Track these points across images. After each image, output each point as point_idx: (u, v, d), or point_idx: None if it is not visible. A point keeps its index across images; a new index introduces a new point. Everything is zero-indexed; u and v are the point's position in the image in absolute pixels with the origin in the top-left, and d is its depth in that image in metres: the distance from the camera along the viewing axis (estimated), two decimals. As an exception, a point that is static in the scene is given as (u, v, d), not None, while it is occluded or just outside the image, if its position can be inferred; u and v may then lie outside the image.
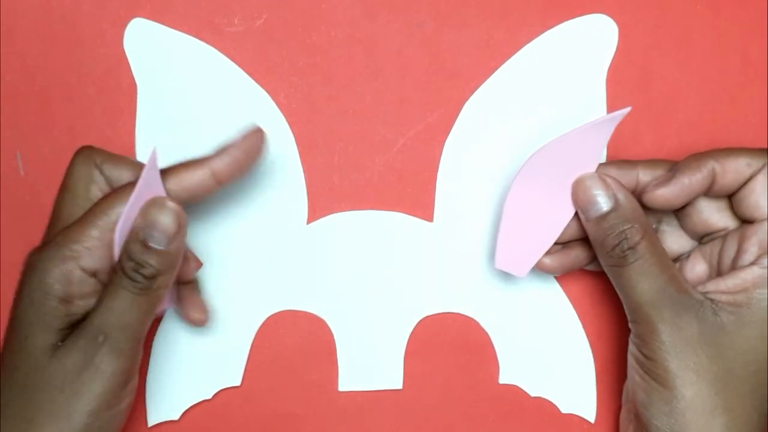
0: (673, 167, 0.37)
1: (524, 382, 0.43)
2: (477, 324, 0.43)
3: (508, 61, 0.42)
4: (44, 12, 0.41)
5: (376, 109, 0.42)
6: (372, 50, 0.42)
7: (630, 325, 0.38)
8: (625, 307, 0.38)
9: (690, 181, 0.36)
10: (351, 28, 0.42)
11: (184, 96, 0.41)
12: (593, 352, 0.43)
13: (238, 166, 0.37)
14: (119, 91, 0.41)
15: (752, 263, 0.36)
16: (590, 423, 0.43)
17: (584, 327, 0.43)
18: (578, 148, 0.37)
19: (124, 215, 0.35)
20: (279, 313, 0.43)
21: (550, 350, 0.43)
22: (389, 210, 0.43)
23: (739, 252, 0.37)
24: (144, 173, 0.35)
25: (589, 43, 0.42)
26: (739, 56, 0.42)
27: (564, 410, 0.43)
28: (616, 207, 0.37)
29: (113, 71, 0.41)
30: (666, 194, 0.37)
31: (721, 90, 0.43)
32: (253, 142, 0.37)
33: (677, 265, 0.40)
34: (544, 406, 0.43)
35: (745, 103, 0.42)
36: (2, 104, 0.41)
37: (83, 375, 0.35)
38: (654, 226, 0.40)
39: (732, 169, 0.36)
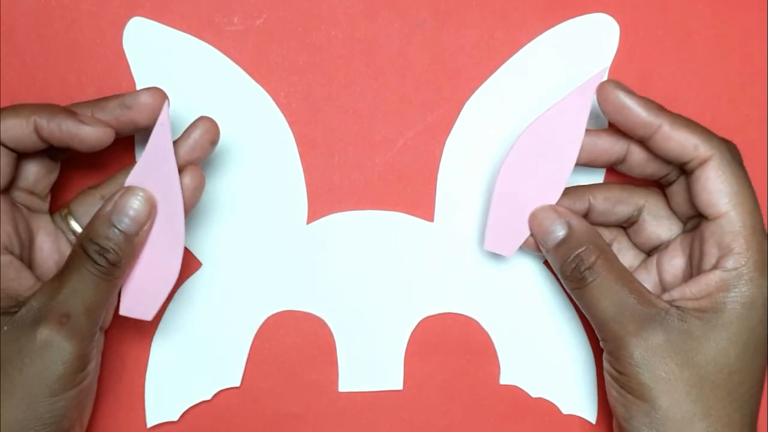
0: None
1: (525, 382, 0.43)
2: (478, 324, 0.43)
3: (509, 60, 0.42)
4: (44, 12, 0.41)
5: (376, 109, 0.42)
6: (372, 50, 0.42)
7: (601, 344, 0.38)
8: (593, 326, 0.38)
9: (637, 108, 0.37)
10: (351, 28, 0.42)
11: (183, 95, 0.41)
12: (594, 352, 0.43)
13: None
14: (118, 90, 0.40)
15: (714, 266, 0.36)
16: (591, 424, 0.43)
17: (585, 328, 0.43)
18: (562, 121, 0.38)
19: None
20: (279, 313, 0.43)
21: (551, 351, 0.43)
22: (390, 210, 0.42)
23: (701, 254, 0.37)
24: (154, 134, 0.36)
25: (591, 42, 0.42)
26: (739, 56, 0.42)
27: (565, 411, 0.43)
28: (569, 233, 0.38)
29: (112, 71, 0.41)
30: (614, 94, 0.37)
31: (721, 90, 0.43)
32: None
33: (656, 256, 0.40)
34: (545, 407, 0.43)
35: (745, 103, 0.42)
36: (2, 104, 0.41)
37: (45, 355, 0.34)
38: None
39: (677, 140, 0.36)
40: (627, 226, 0.41)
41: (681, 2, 0.42)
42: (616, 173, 0.41)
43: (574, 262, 0.37)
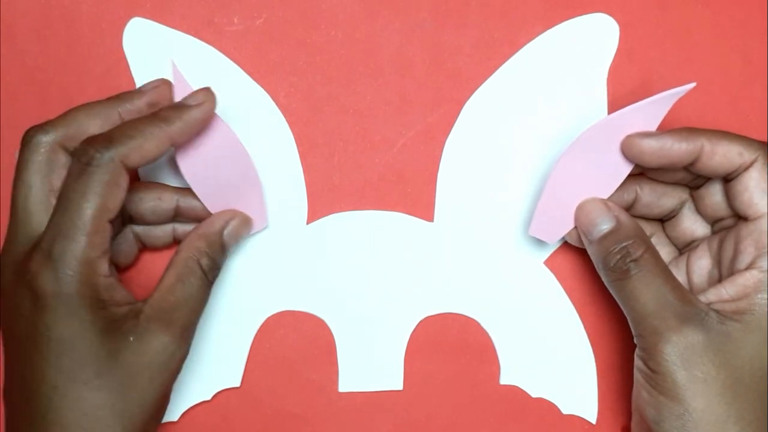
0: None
1: (525, 382, 0.43)
2: (478, 324, 0.43)
3: (509, 61, 0.42)
4: (44, 12, 0.41)
5: (376, 109, 0.42)
6: (372, 50, 0.42)
7: (635, 339, 0.37)
8: (629, 321, 0.37)
9: (673, 144, 0.36)
10: (351, 28, 0.42)
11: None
12: (595, 353, 0.43)
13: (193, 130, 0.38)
14: (118, 90, 0.40)
15: (750, 266, 0.36)
16: (591, 424, 0.43)
17: (586, 328, 0.43)
18: (633, 124, 0.38)
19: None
20: (279, 313, 0.43)
21: (551, 351, 0.43)
22: (390, 210, 0.42)
23: (736, 253, 0.37)
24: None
25: (590, 42, 0.42)
26: (739, 56, 0.42)
27: (565, 411, 0.43)
28: (617, 226, 0.38)
29: (112, 71, 0.41)
30: (644, 145, 0.37)
31: (721, 90, 0.43)
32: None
33: (686, 255, 0.40)
34: (545, 407, 0.43)
35: (745, 103, 0.42)
36: (2, 104, 0.41)
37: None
38: None
39: (721, 153, 0.36)
40: (666, 219, 0.41)
41: (681, 2, 0.42)
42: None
43: (619, 253, 0.37)
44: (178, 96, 0.38)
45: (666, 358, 0.35)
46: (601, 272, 0.38)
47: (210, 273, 0.39)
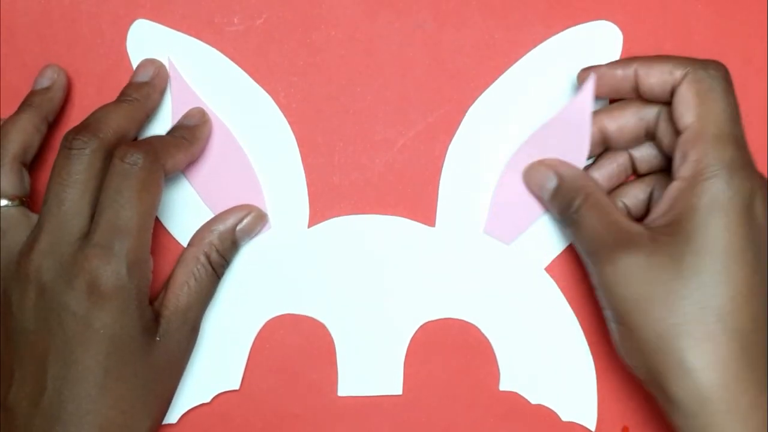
0: None
1: (525, 389, 0.43)
2: (478, 330, 0.43)
3: (513, 66, 0.42)
4: (44, 12, 0.41)
5: (376, 109, 0.42)
6: (372, 50, 0.42)
7: (587, 267, 0.39)
8: (582, 256, 0.39)
9: (607, 71, 0.38)
10: (351, 28, 0.42)
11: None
12: (594, 360, 0.43)
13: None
14: (119, 91, 0.40)
15: (675, 178, 0.36)
16: (591, 431, 0.43)
17: (586, 335, 0.43)
18: (565, 128, 0.39)
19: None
20: (279, 316, 0.42)
21: (551, 357, 0.43)
22: (391, 211, 0.42)
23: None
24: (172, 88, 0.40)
25: (594, 49, 0.42)
26: (739, 56, 0.42)
27: (564, 418, 0.43)
28: (560, 182, 0.39)
29: (113, 71, 0.41)
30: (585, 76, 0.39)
31: (721, 91, 0.43)
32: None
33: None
34: (544, 414, 0.43)
35: (745, 103, 0.42)
36: (2, 104, 0.41)
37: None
38: None
39: (656, 72, 0.37)
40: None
41: (681, 3, 0.42)
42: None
43: (566, 205, 0.39)
44: (175, 93, 0.39)
45: (606, 286, 0.36)
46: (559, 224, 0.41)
47: (219, 269, 0.40)
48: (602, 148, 0.41)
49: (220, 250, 0.40)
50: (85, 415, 0.34)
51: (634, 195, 0.41)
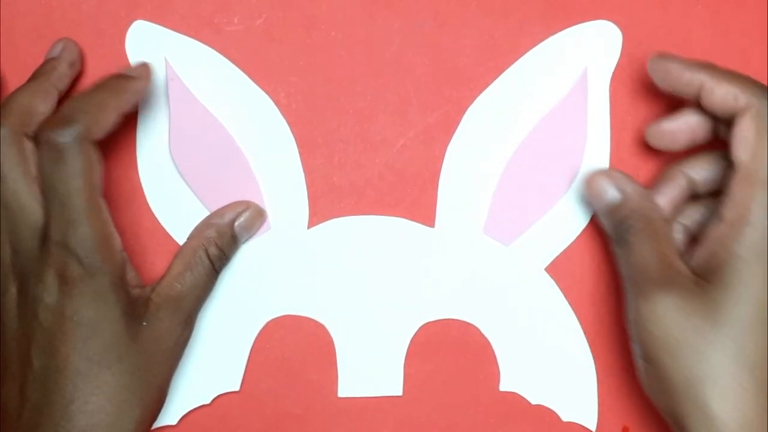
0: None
1: (525, 389, 0.43)
2: (478, 330, 0.43)
3: (512, 66, 0.42)
4: (44, 12, 0.41)
5: (376, 109, 0.42)
6: (372, 50, 0.42)
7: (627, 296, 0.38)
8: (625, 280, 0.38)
9: (682, 73, 0.37)
10: (351, 28, 0.42)
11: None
12: (595, 360, 0.43)
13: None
14: (118, 91, 0.41)
15: (716, 218, 0.36)
16: (591, 431, 0.43)
17: (586, 336, 0.43)
18: (562, 124, 0.40)
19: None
20: (279, 317, 0.42)
21: (551, 358, 0.43)
22: (390, 211, 0.42)
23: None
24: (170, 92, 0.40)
25: (593, 49, 0.42)
26: (739, 56, 0.42)
27: (565, 418, 0.43)
28: (624, 199, 0.38)
29: (113, 71, 0.41)
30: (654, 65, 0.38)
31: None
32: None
33: None
34: (544, 414, 0.43)
35: (746, 104, 0.42)
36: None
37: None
38: None
39: (721, 92, 0.36)
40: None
41: (681, 3, 0.42)
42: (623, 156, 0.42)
43: (621, 224, 0.38)
44: (173, 94, 0.39)
45: (639, 322, 0.36)
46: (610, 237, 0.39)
47: (217, 263, 0.40)
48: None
49: (219, 243, 0.40)
50: (69, 403, 0.34)
51: (692, 217, 0.40)
